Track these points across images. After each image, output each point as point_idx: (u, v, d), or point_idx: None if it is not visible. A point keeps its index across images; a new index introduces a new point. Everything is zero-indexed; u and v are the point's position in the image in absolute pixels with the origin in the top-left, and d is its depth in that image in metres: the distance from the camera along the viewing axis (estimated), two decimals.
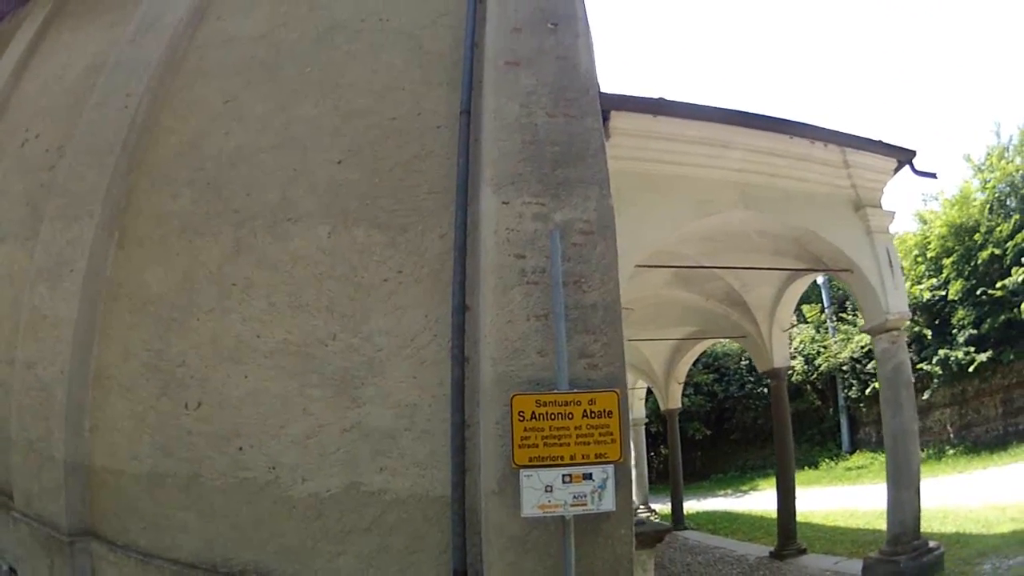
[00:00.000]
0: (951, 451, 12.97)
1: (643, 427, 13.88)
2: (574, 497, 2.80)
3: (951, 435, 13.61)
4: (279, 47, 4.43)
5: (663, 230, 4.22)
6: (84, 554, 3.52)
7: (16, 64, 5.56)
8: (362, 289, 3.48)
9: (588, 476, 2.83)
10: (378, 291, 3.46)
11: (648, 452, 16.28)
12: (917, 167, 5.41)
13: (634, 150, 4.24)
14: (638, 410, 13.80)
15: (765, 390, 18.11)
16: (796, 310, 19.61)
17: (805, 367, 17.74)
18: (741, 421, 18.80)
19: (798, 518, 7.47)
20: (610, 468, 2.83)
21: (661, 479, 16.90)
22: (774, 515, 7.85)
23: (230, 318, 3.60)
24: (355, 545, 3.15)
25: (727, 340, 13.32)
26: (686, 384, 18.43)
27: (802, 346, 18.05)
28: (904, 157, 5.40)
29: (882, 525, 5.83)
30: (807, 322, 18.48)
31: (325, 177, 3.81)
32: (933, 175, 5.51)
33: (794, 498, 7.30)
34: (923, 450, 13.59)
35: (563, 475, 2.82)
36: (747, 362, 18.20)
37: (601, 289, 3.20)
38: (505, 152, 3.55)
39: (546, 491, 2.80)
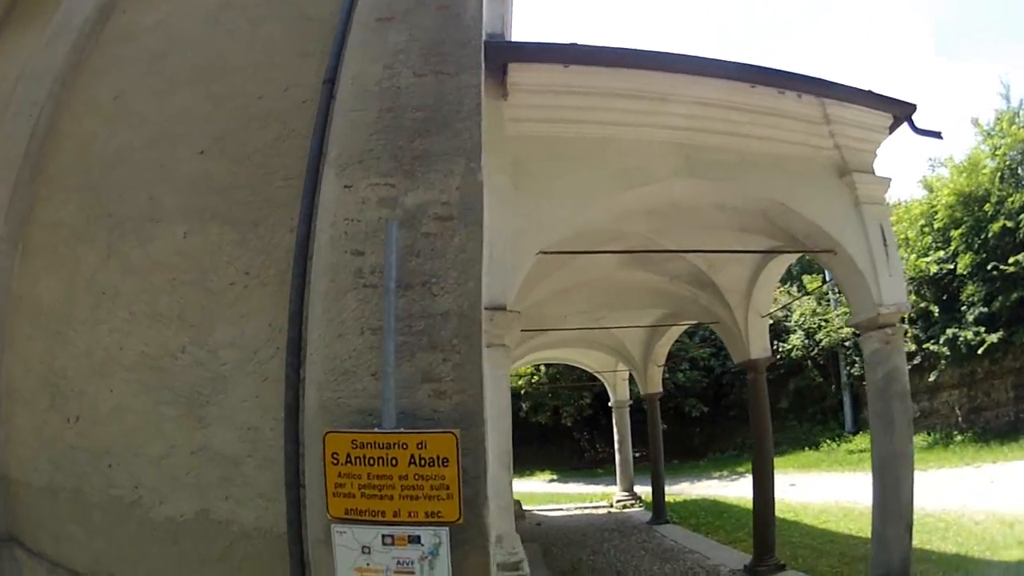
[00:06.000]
0: (959, 437, 10.75)
1: (627, 409, 12.00)
2: (397, 563, 1.86)
3: (959, 419, 11.26)
4: (170, 35, 3.52)
5: (577, 206, 2.92)
6: (11, 561, 3.08)
7: None
8: (211, 295, 2.63)
9: (415, 539, 1.85)
10: (225, 296, 2.59)
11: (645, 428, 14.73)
12: (917, 124, 3.61)
13: (540, 110, 2.96)
14: (622, 392, 12.00)
15: None
16: (796, 281, 16.74)
17: (806, 342, 15.22)
18: (739, 397, 16.46)
19: (790, 515, 6.01)
20: (444, 532, 1.84)
21: None
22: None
23: (100, 329, 2.91)
24: None
25: None
26: (681, 359, 16.43)
27: (802, 320, 15.44)
28: (901, 112, 3.63)
29: None
30: (808, 294, 15.73)
31: (188, 171, 2.94)
32: (937, 134, 3.69)
33: (773, 507, 5.74)
34: (929, 434, 11.21)
35: (383, 535, 1.86)
36: None
37: (457, 292, 2.12)
38: (356, 125, 2.47)
39: (363, 552, 1.87)
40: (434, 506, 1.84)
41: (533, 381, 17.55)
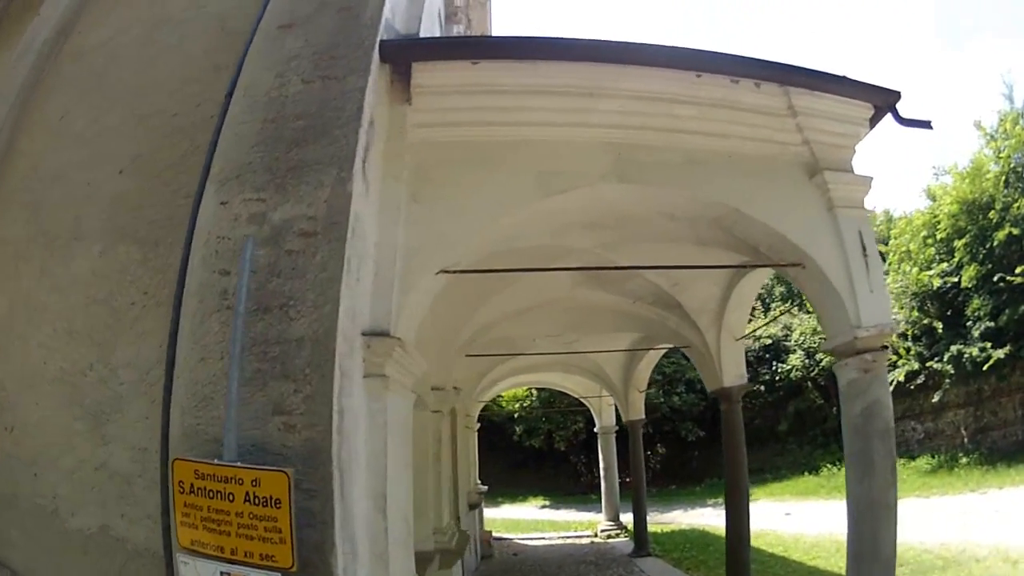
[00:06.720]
0: (964, 459, 9.91)
1: (612, 435, 11.37)
2: None
3: (965, 439, 10.43)
4: (113, 53, 3.57)
5: (486, 218, 2.65)
6: None
7: None
8: (115, 314, 2.63)
9: None
10: (126, 316, 2.59)
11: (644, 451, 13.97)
12: (902, 114, 3.07)
13: (447, 113, 2.71)
14: (607, 418, 11.40)
15: (762, 387, 14.90)
16: (795, 299, 15.56)
17: (806, 362, 14.41)
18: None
19: (779, 549, 5.48)
20: None
21: (656, 482, 14.58)
22: (757, 538, 5.93)
23: (31, 343, 2.99)
24: None
25: None
26: (677, 381, 15.66)
27: (802, 339, 14.52)
28: (883, 100, 3.06)
29: None
30: (808, 312, 14.60)
31: (109, 190, 2.97)
32: (927, 123, 3.08)
33: (748, 545, 5.16)
34: (934, 457, 10.43)
35: (222, 572, 1.76)
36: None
37: (312, 316, 1.98)
38: (241, 138, 2.37)
39: None
40: (268, 549, 1.72)
41: (526, 405, 17.12)
